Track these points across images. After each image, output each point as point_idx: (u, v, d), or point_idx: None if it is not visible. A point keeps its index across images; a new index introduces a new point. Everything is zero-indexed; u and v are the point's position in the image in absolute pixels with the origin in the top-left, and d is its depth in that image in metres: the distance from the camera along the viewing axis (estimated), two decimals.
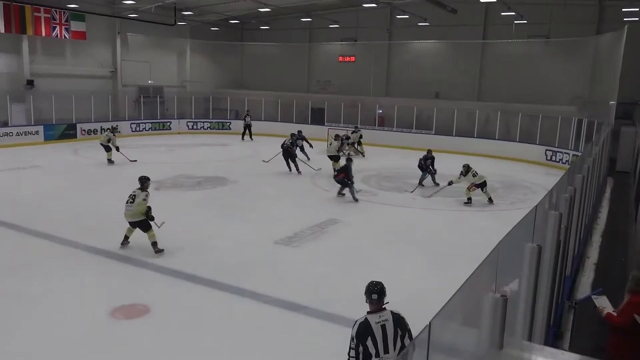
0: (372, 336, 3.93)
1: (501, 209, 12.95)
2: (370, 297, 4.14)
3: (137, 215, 8.52)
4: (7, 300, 6.79)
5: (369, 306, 4.17)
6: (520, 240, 3.51)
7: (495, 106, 23.22)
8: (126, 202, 8.58)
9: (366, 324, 3.98)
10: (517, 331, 3.38)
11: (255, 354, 5.83)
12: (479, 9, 26.00)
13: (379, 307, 4.11)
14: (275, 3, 26.16)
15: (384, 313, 4.08)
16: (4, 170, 15.56)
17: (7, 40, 22.82)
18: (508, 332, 2.66)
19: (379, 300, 4.12)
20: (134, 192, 8.64)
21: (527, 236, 3.54)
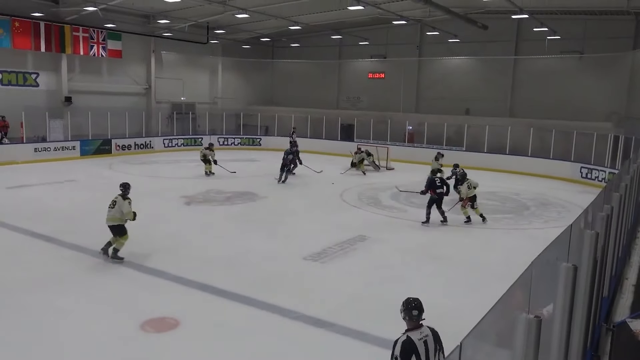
0: (417, 353, 3.88)
1: (535, 228, 12.66)
2: (411, 314, 4.08)
3: (115, 220, 8.86)
4: (41, 311, 6.93)
5: (408, 323, 4.10)
6: (555, 260, 3.42)
7: (528, 122, 22.87)
8: (108, 206, 8.94)
9: (409, 341, 3.91)
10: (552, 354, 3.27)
11: None
12: (510, 25, 25.78)
13: (418, 324, 4.05)
14: (305, 21, 26.51)
15: (424, 329, 4.04)
16: (42, 184, 16.03)
17: (47, 59, 23.69)
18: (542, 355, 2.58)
19: (419, 317, 4.07)
20: (115, 198, 8.97)
21: (562, 256, 3.44)
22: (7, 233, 10.68)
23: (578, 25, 24.37)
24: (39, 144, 21.53)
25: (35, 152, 20.90)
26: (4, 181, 16.05)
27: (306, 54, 33.47)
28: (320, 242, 10.39)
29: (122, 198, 8.89)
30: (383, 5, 22.35)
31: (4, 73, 22.41)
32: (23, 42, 22.07)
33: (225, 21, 26.89)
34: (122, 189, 9.09)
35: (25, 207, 13.01)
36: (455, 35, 26.70)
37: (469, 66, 28.69)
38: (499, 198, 16.13)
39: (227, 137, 28.23)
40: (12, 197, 14.30)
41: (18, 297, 7.35)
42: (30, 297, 7.35)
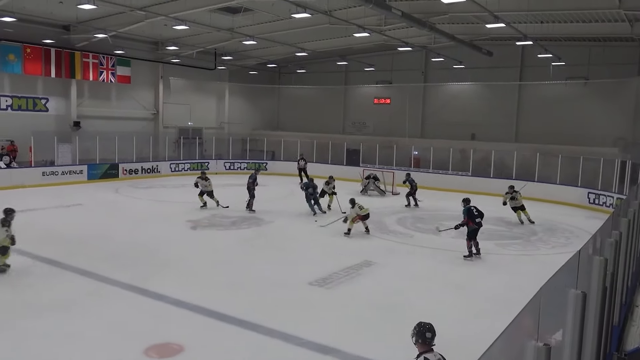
0: None
1: (543, 253, 12.54)
2: (424, 337, 4.07)
3: None
4: (45, 336, 6.88)
5: (420, 347, 4.08)
6: (564, 287, 3.37)
7: (534, 147, 22.86)
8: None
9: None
10: None
11: None
12: (515, 52, 26.01)
13: (430, 347, 4.04)
14: (311, 48, 26.88)
15: (435, 352, 4.02)
16: (49, 208, 16.09)
17: (57, 85, 24.05)
18: None
19: (432, 339, 4.07)
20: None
21: (570, 282, 3.39)
22: (13, 256, 10.66)
23: (583, 52, 24.55)
24: (47, 168, 21.69)
25: (43, 176, 21.05)
26: (12, 204, 16.06)
27: (312, 80, 33.82)
28: (326, 268, 10.32)
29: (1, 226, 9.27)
30: (388, 32, 22.65)
31: (15, 98, 22.73)
32: (34, 67, 22.45)
33: (232, 48, 27.29)
34: (5, 215, 9.37)
35: (31, 230, 13.02)
36: (460, 61, 26.96)
37: (474, 91, 28.86)
38: (506, 224, 16.03)
39: (233, 162, 28.35)
40: (18, 220, 14.28)
41: (22, 321, 7.31)
42: (34, 322, 7.30)
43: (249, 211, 16.38)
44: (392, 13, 16.11)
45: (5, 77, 22.26)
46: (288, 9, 18.70)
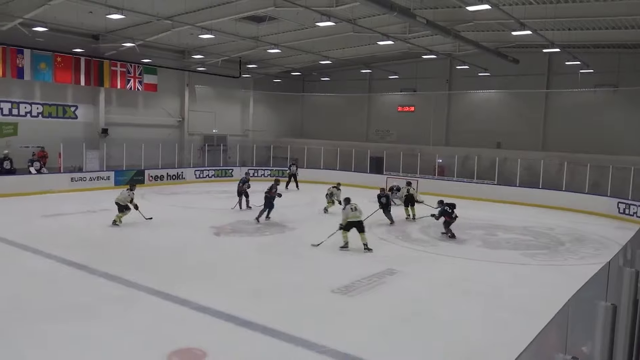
0: None
1: (570, 264, 12.27)
2: None
3: None
4: (70, 339, 6.99)
5: None
6: (593, 298, 3.29)
7: (561, 156, 22.48)
8: None
9: None
10: None
11: None
12: (542, 59, 25.66)
13: None
14: (336, 56, 26.95)
15: None
16: (77, 213, 16.41)
17: (86, 93, 24.60)
18: None
19: None
20: None
21: (600, 294, 3.31)
22: (42, 260, 10.91)
23: (612, 59, 24.10)
24: (76, 173, 22.15)
25: (71, 182, 21.50)
26: (41, 209, 16.51)
27: (336, 88, 33.91)
28: (349, 275, 10.27)
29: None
30: (413, 40, 22.58)
31: (45, 106, 23.32)
32: (64, 76, 23.00)
33: (257, 56, 27.54)
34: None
35: (60, 235, 13.32)
36: (486, 68, 26.71)
37: (500, 99, 28.55)
38: (533, 233, 15.75)
39: (257, 169, 28.53)
40: (48, 225, 14.66)
41: (48, 324, 7.44)
42: (60, 325, 7.43)
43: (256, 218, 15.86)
44: (416, 21, 16.06)
45: (37, 85, 22.86)
46: (312, 18, 18.80)
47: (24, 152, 21.71)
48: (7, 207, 16.96)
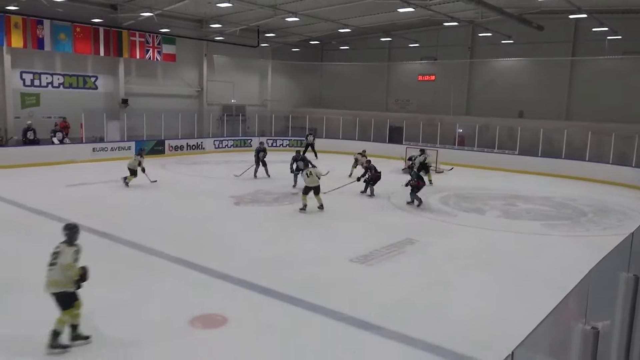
0: None
1: (592, 235, 12.15)
2: None
3: (63, 285, 5.82)
4: (96, 304, 7.18)
5: None
6: (614, 269, 3.26)
7: (586, 126, 21.99)
8: (48, 263, 5.88)
9: None
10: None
11: None
12: (567, 25, 24.92)
13: None
14: (355, 24, 26.51)
15: None
16: (99, 183, 16.68)
17: (105, 63, 24.70)
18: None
19: None
20: (57, 246, 5.99)
21: (622, 265, 3.28)
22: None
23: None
24: (97, 144, 22.44)
25: (93, 152, 21.80)
26: (65, 179, 16.81)
27: (355, 56, 33.46)
28: (367, 245, 10.33)
29: (67, 245, 5.97)
30: (434, 7, 22.05)
31: (66, 76, 23.51)
32: (83, 46, 23.07)
33: (275, 25, 27.23)
34: (69, 232, 6.07)
35: (83, 204, 13.58)
36: (509, 36, 26.03)
37: (523, 68, 27.92)
38: (554, 204, 15.58)
39: (275, 139, 28.53)
40: (71, 194, 14.95)
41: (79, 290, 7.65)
42: (89, 291, 7.63)
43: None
44: None
45: (57, 56, 23.01)
46: None
47: (46, 123, 22.03)
48: (32, 177, 17.31)
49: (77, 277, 5.82)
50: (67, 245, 5.93)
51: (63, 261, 5.77)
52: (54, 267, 5.80)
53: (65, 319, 5.86)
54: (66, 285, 5.79)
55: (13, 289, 7.68)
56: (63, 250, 5.87)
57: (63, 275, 5.77)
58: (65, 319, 5.86)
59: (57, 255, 5.84)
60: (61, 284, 5.78)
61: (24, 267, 8.62)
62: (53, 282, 5.79)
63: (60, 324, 5.85)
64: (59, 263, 5.78)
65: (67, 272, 5.75)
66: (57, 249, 5.92)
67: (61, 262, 5.77)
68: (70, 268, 5.76)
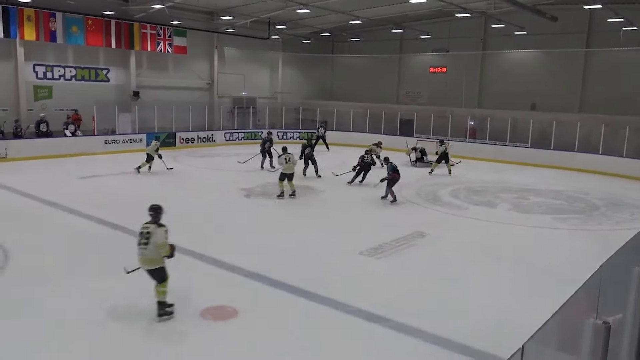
0: None
1: (605, 229, 12.04)
2: None
3: (153, 262, 6.52)
4: (106, 295, 7.27)
5: None
6: (627, 264, 3.22)
7: (599, 118, 21.72)
8: (138, 243, 6.52)
9: None
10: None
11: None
12: (582, 16, 24.58)
13: None
14: (366, 15, 26.33)
15: None
16: (111, 175, 16.81)
17: (117, 55, 24.81)
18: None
19: None
20: (146, 227, 6.59)
21: (635, 259, 3.24)
22: (80, 220, 11.28)
23: None
24: (109, 136, 22.58)
25: (105, 144, 21.95)
26: (77, 171, 16.96)
27: (366, 48, 33.29)
28: (377, 238, 10.32)
29: (157, 226, 6.57)
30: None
31: (78, 69, 23.66)
32: (95, 39, 23.17)
33: (286, 16, 27.12)
34: (154, 213, 6.72)
35: (96, 196, 13.70)
36: (522, 27, 25.72)
37: (536, 59, 27.61)
38: (566, 197, 15.45)
39: (286, 131, 28.53)
40: (84, 186, 15.08)
41: (87, 281, 7.75)
42: (98, 282, 7.73)
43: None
44: None
45: (69, 48, 23.14)
46: None
47: (58, 115, 22.20)
48: (45, 169, 17.48)
49: (167, 254, 6.46)
50: (157, 226, 6.52)
51: (157, 240, 6.36)
52: (147, 246, 6.41)
53: (163, 290, 6.53)
54: (159, 262, 6.48)
55: (31, 279, 7.77)
56: (154, 230, 6.44)
57: (157, 253, 6.40)
58: (162, 290, 6.52)
59: (149, 235, 6.42)
60: (155, 261, 6.45)
61: (41, 257, 8.75)
62: (148, 261, 6.45)
63: (161, 294, 6.53)
64: (152, 242, 6.37)
65: (160, 250, 6.38)
66: (147, 229, 6.49)
67: (154, 241, 6.37)
68: (163, 247, 6.39)
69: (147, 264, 6.47)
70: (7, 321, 6.44)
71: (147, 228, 6.51)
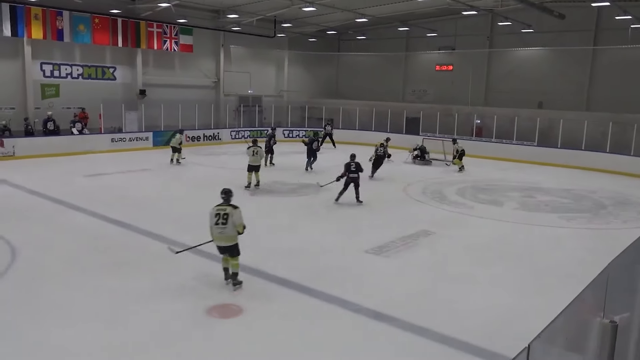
0: None
1: (612, 228, 11.97)
2: None
3: (230, 240, 7.37)
4: (112, 294, 7.31)
5: None
6: (634, 263, 3.21)
7: (607, 117, 21.59)
8: (215, 222, 7.33)
9: None
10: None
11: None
12: (589, 14, 24.44)
13: None
14: (372, 13, 26.29)
15: None
16: (117, 173, 16.88)
17: (123, 54, 24.89)
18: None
19: None
20: (221, 209, 7.38)
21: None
22: (85, 218, 11.34)
23: None
24: (116, 134, 22.68)
25: (111, 142, 22.05)
26: (84, 169, 17.04)
27: (372, 47, 33.23)
28: (383, 236, 10.31)
29: (233, 207, 7.39)
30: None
31: (85, 67, 23.75)
32: (102, 37, 23.27)
33: (292, 15, 27.14)
34: (225, 196, 7.60)
35: (101, 194, 13.75)
36: (529, 25, 25.59)
37: (543, 57, 27.47)
38: (573, 196, 15.38)
39: (292, 130, 28.55)
40: (90, 184, 15.16)
41: (92, 279, 7.79)
42: (103, 280, 7.77)
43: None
44: None
45: (76, 47, 23.24)
46: None
47: (65, 113, 22.31)
48: (52, 167, 17.58)
49: (242, 232, 7.33)
50: (232, 207, 7.36)
51: (235, 220, 7.26)
52: (226, 226, 7.27)
53: (237, 263, 7.45)
54: (235, 239, 7.37)
55: (37, 276, 7.84)
56: (231, 212, 7.30)
57: (234, 231, 7.28)
58: (236, 263, 7.45)
59: (227, 216, 7.27)
60: (232, 238, 7.33)
61: (48, 254, 8.81)
62: (226, 238, 7.33)
63: (236, 267, 7.46)
64: (231, 222, 7.24)
65: (238, 228, 7.28)
66: (224, 210, 7.33)
67: (233, 221, 7.25)
68: (241, 226, 7.28)
69: (226, 241, 7.33)
70: (13, 318, 6.48)
71: (224, 210, 7.32)
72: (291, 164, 18.64)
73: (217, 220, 7.31)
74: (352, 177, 13.27)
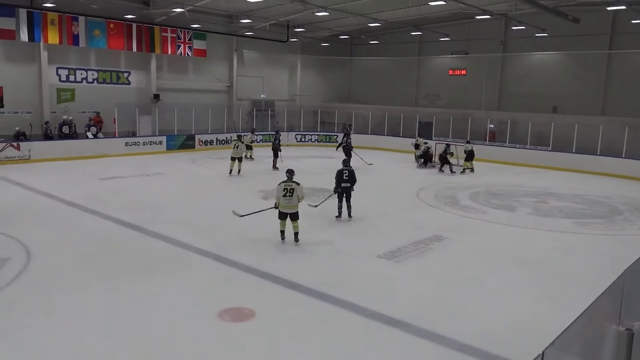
0: None
1: (628, 234, 11.81)
2: None
3: (295, 207, 9.80)
4: (126, 296, 7.35)
5: None
6: None
7: (622, 121, 21.33)
8: (284, 195, 9.74)
9: None
10: None
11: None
12: (605, 17, 24.20)
13: None
14: (385, 18, 26.28)
15: None
16: (132, 177, 17.02)
17: (138, 59, 25.13)
18: None
19: None
20: (288, 185, 9.77)
21: None
22: (99, 221, 11.44)
23: None
24: (130, 138, 22.87)
25: (126, 146, 22.25)
26: (98, 173, 17.21)
27: (385, 51, 33.21)
28: (395, 241, 10.27)
29: (297, 184, 9.81)
30: (466, 0, 21.68)
31: (100, 72, 24.01)
32: (117, 42, 23.51)
33: (305, 19, 27.22)
34: (290, 175, 10.06)
35: (116, 197, 13.87)
36: (543, 29, 25.42)
37: (557, 62, 27.26)
38: (588, 201, 15.20)
39: (304, 134, 28.58)
40: (104, 187, 15.29)
41: (106, 282, 7.84)
42: (117, 283, 7.82)
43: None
44: None
45: (92, 52, 23.50)
46: None
47: (80, 117, 22.57)
48: (67, 170, 17.77)
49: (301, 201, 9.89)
50: (296, 184, 9.81)
51: (300, 194, 9.78)
52: (292, 198, 9.73)
53: (298, 224, 9.90)
54: (297, 207, 9.85)
55: (52, 279, 7.91)
56: (296, 187, 9.77)
57: (297, 201, 9.78)
58: (297, 224, 9.90)
59: (293, 190, 9.73)
60: (296, 207, 9.82)
61: (63, 257, 8.89)
62: (292, 207, 9.79)
63: (297, 227, 9.90)
64: (296, 195, 9.73)
65: (301, 200, 9.86)
66: (290, 186, 9.78)
67: (298, 194, 9.75)
68: (302, 197, 9.88)
69: (291, 209, 9.78)
70: (28, 320, 6.55)
71: (290, 185, 9.78)
72: (303, 168, 18.64)
73: (285, 194, 9.67)
74: (344, 187, 11.73)
